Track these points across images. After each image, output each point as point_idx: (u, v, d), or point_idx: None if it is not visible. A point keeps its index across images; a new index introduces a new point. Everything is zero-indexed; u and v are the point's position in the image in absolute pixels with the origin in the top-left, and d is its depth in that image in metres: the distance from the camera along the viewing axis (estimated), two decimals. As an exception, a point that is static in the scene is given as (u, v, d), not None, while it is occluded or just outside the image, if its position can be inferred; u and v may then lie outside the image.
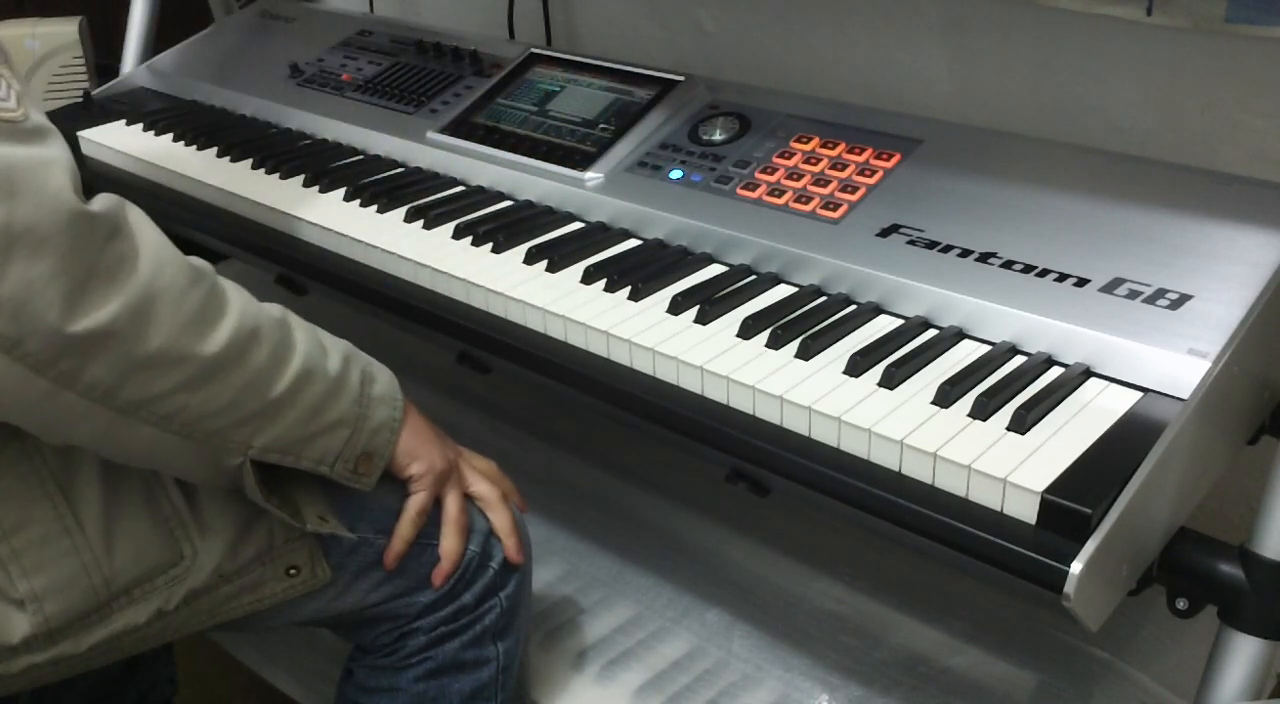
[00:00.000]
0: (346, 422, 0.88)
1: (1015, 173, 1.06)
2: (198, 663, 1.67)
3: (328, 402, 0.86)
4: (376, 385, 0.92)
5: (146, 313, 0.74)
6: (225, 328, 0.79)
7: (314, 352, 0.86)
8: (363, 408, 0.89)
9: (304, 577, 0.95)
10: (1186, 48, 1.24)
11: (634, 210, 1.18)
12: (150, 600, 0.88)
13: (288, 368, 0.83)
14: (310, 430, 0.86)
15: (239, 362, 0.79)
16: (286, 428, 0.84)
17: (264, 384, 0.82)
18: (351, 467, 0.91)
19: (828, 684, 1.21)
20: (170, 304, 0.75)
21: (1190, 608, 0.82)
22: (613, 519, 1.48)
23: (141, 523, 0.87)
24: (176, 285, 0.76)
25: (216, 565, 0.90)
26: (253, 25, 1.79)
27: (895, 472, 0.82)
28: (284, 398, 0.83)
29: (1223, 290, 0.88)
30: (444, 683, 1.04)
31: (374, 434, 0.91)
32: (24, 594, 0.83)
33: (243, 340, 0.80)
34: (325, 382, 0.86)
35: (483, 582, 1.03)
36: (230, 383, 0.80)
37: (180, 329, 0.76)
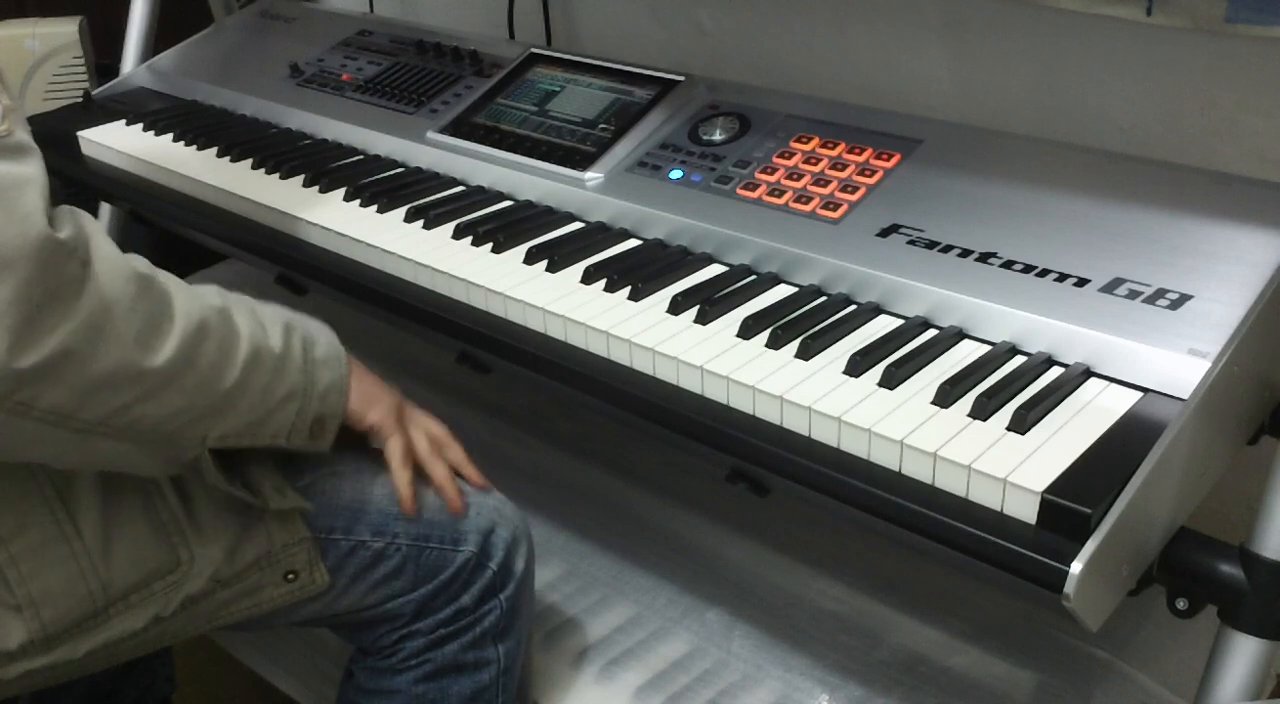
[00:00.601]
0: (296, 393, 0.87)
1: (1015, 173, 1.06)
2: (197, 663, 1.67)
3: (276, 379, 0.86)
4: (318, 348, 0.91)
5: (100, 329, 0.72)
6: (174, 334, 0.78)
7: (257, 333, 0.85)
8: (308, 376, 0.89)
9: (302, 581, 0.95)
10: (1186, 48, 1.24)
11: (634, 210, 1.18)
12: (147, 606, 0.88)
13: (235, 357, 0.82)
14: (263, 411, 0.86)
15: (190, 364, 0.79)
16: (240, 415, 0.84)
17: (215, 379, 0.81)
18: (306, 434, 0.90)
19: (828, 684, 1.21)
20: (122, 318, 0.74)
21: (1190, 608, 0.82)
22: (613, 519, 1.48)
23: (139, 529, 0.87)
24: (127, 297, 0.75)
25: (214, 571, 0.90)
26: (253, 25, 1.79)
27: (895, 472, 0.82)
28: (235, 388, 0.82)
29: (1223, 290, 0.88)
30: (444, 685, 1.04)
31: (323, 399, 0.90)
32: (21, 600, 0.83)
33: (191, 342, 0.79)
34: (271, 360, 0.85)
35: (481, 583, 1.03)
36: (184, 386, 0.79)
37: (132, 343, 0.75)
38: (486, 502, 1.05)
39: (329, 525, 0.97)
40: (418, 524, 1.00)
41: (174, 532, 0.89)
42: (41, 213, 0.69)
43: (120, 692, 1.34)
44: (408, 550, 1.00)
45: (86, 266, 0.72)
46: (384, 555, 0.99)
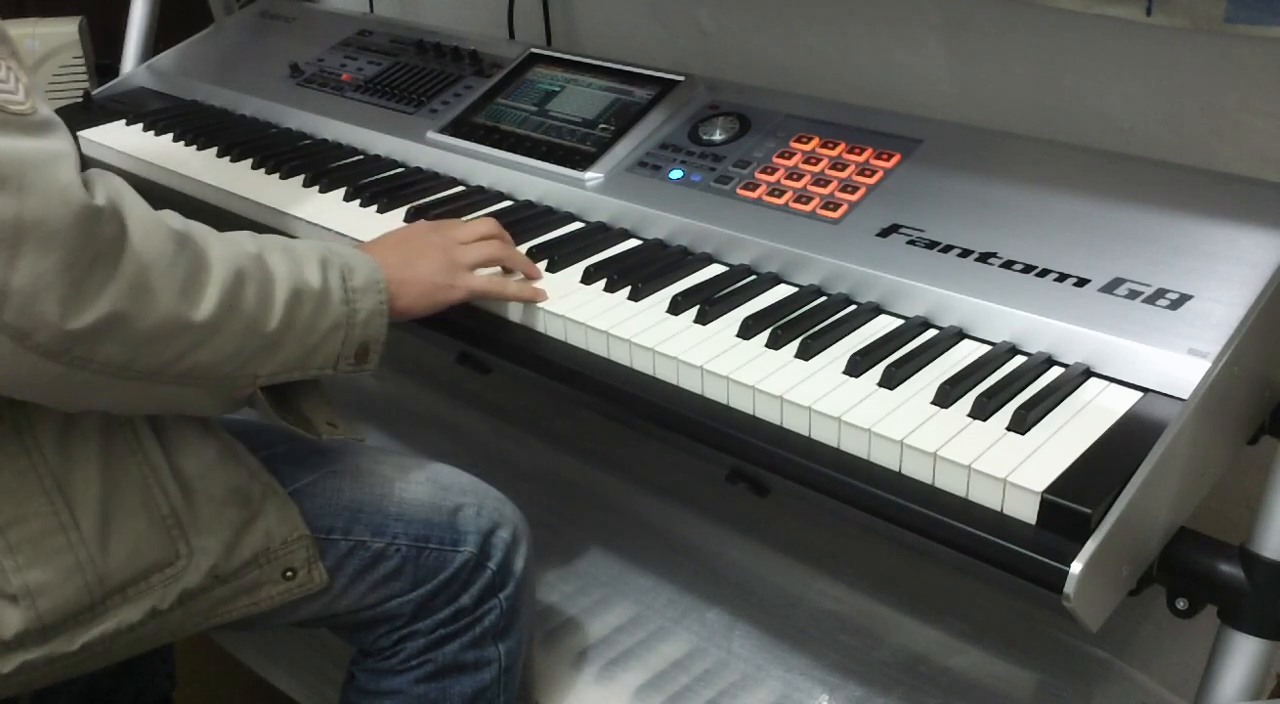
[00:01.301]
0: (340, 324, 0.90)
1: (1015, 173, 1.06)
2: (198, 663, 1.67)
3: (319, 314, 0.88)
4: (356, 277, 0.92)
5: (143, 288, 0.76)
6: (214, 284, 0.81)
7: (294, 272, 0.87)
8: (350, 305, 0.91)
9: (300, 580, 0.95)
10: (1186, 48, 1.24)
11: (634, 210, 1.18)
12: (144, 599, 0.88)
13: (276, 298, 0.85)
14: (310, 345, 0.88)
15: (233, 311, 0.82)
16: (288, 351, 0.87)
17: (260, 322, 0.84)
18: (352, 361, 0.92)
19: (828, 684, 1.21)
20: (162, 275, 0.77)
21: (1190, 608, 0.82)
22: (613, 519, 1.48)
23: (138, 522, 0.87)
24: (165, 254, 0.77)
25: (212, 566, 0.90)
26: (253, 25, 1.79)
27: (895, 472, 0.82)
28: (281, 327, 0.85)
29: (1223, 290, 0.88)
30: (445, 685, 1.04)
31: (366, 324, 0.92)
32: (17, 590, 0.83)
33: (231, 290, 0.82)
34: (312, 296, 0.88)
35: (480, 583, 1.03)
36: (231, 332, 0.82)
37: (175, 298, 0.78)
38: (486, 502, 1.05)
39: (328, 526, 0.97)
40: (417, 525, 1.00)
41: (172, 525, 0.89)
42: (78, 183, 0.72)
43: (120, 689, 1.34)
44: (407, 551, 1.00)
45: (123, 229, 0.75)
46: (383, 556, 0.99)
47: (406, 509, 1.01)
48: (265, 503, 0.93)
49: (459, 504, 1.03)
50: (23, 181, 0.69)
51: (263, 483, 0.94)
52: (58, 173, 0.71)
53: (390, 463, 1.04)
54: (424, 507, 1.01)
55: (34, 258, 0.69)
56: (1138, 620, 1.23)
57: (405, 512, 1.01)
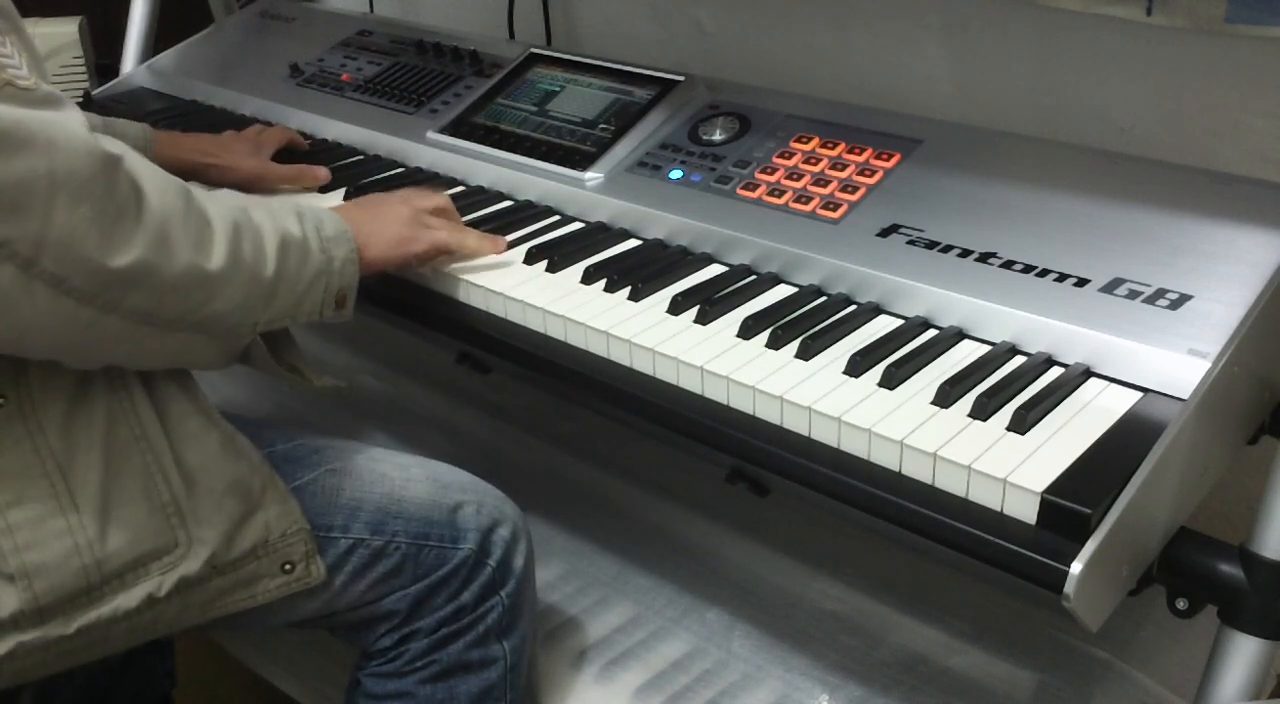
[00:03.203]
0: (321, 272, 0.95)
1: (1015, 173, 1.06)
2: (197, 662, 1.67)
3: (303, 263, 0.93)
4: (326, 227, 0.97)
5: (165, 238, 0.81)
6: (219, 237, 0.86)
7: (277, 224, 0.92)
8: (327, 254, 0.95)
9: (298, 574, 0.95)
10: (1186, 48, 1.24)
11: (634, 210, 1.18)
12: (142, 586, 0.88)
13: (268, 248, 0.90)
14: (299, 292, 0.93)
15: (237, 262, 0.87)
16: (282, 298, 0.92)
17: (259, 271, 0.89)
18: (333, 308, 0.97)
19: (828, 684, 1.21)
20: (179, 227, 0.82)
21: (1190, 608, 0.82)
22: (613, 519, 1.48)
23: (138, 508, 0.88)
24: (179, 209, 0.83)
25: (210, 555, 0.90)
26: (253, 25, 1.79)
27: (895, 472, 0.82)
28: (276, 276, 0.90)
29: (1223, 290, 0.88)
30: (452, 685, 1.04)
31: (342, 273, 0.97)
32: (14, 570, 0.83)
33: (234, 242, 0.87)
34: (297, 246, 0.93)
35: (481, 581, 1.03)
36: (238, 281, 0.87)
37: (191, 248, 0.83)
38: (486, 500, 1.05)
39: (327, 523, 0.97)
40: (416, 522, 1.00)
41: (173, 513, 0.89)
42: (91, 136, 0.77)
43: (119, 688, 1.34)
44: (407, 548, 1.00)
45: (138, 184, 0.80)
46: (383, 553, 0.99)
47: (406, 507, 1.01)
48: (265, 496, 0.94)
49: (459, 502, 1.03)
50: (50, 139, 0.73)
51: (263, 476, 0.94)
52: (79, 130, 0.75)
53: (390, 461, 1.04)
54: (424, 504, 1.01)
55: (68, 209, 0.74)
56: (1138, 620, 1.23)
57: (405, 509, 1.01)
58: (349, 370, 1.81)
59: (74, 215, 0.74)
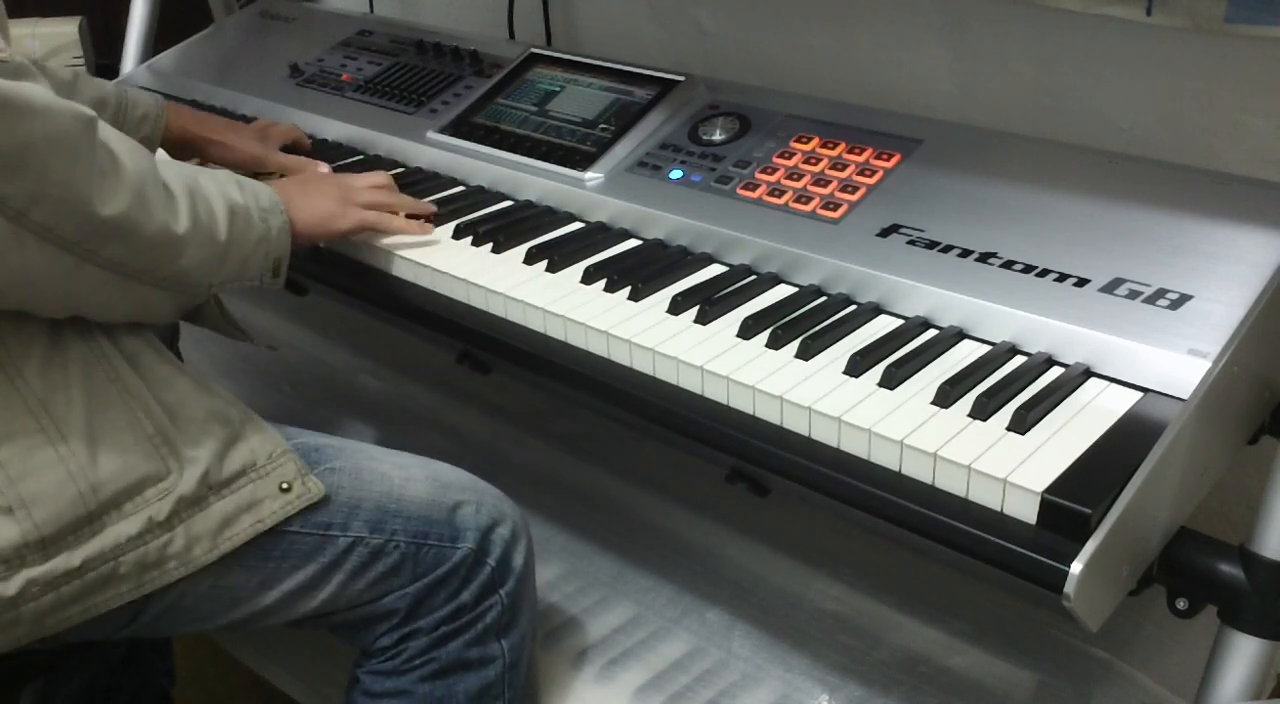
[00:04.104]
0: (263, 238, 1.01)
1: (1015, 173, 1.06)
2: (197, 662, 1.67)
3: (248, 228, 1.00)
4: (262, 198, 1.03)
5: (144, 197, 0.88)
6: (181, 200, 0.93)
7: (224, 191, 0.98)
8: (265, 222, 1.02)
9: (297, 491, 0.96)
10: (1186, 48, 1.24)
11: (634, 210, 1.18)
12: (141, 512, 0.89)
13: (220, 213, 0.96)
14: (244, 256, 1.00)
15: (197, 224, 0.93)
16: (232, 262, 0.99)
17: (214, 233, 0.96)
18: (271, 275, 1.04)
19: (828, 684, 1.21)
20: (153, 188, 0.89)
21: (1190, 608, 0.82)
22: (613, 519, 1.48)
23: (124, 436, 0.90)
24: (150, 171, 0.90)
25: (204, 473, 0.92)
26: (253, 25, 1.79)
27: (895, 472, 0.82)
28: (229, 239, 0.97)
29: (1223, 290, 0.88)
30: (450, 683, 1.04)
31: (278, 240, 1.03)
32: (11, 501, 0.84)
33: (193, 205, 0.93)
34: (242, 212, 0.99)
35: (480, 579, 1.03)
36: (198, 243, 0.94)
37: (162, 209, 0.90)
38: (486, 499, 1.05)
39: (327, 522, 0.97)
40: (416, 521, 1.00)
41: (160, 443, 0.91)
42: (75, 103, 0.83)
43: (119, 686, 1.34)
44: (406, 547, 1.00)
45: (111, 147, 0.86)
46: (382, 552, 0.99)
47: (406, 506, 1.01)
48: (245, 426, 0.96)
49: (458, 501, 1.03)
50: (45, 104, 0.80)
51: (239, 409, 0.97)
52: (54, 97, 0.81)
53: (389, 460, 1.04)
54: (423, 503, 1.01)
55: (63, 167, 0.81)
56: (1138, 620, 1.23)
57: (404, 508, 1.01)
58: (349, 370, 1.81)
59: (69, 173, 0.81)
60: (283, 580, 0.97)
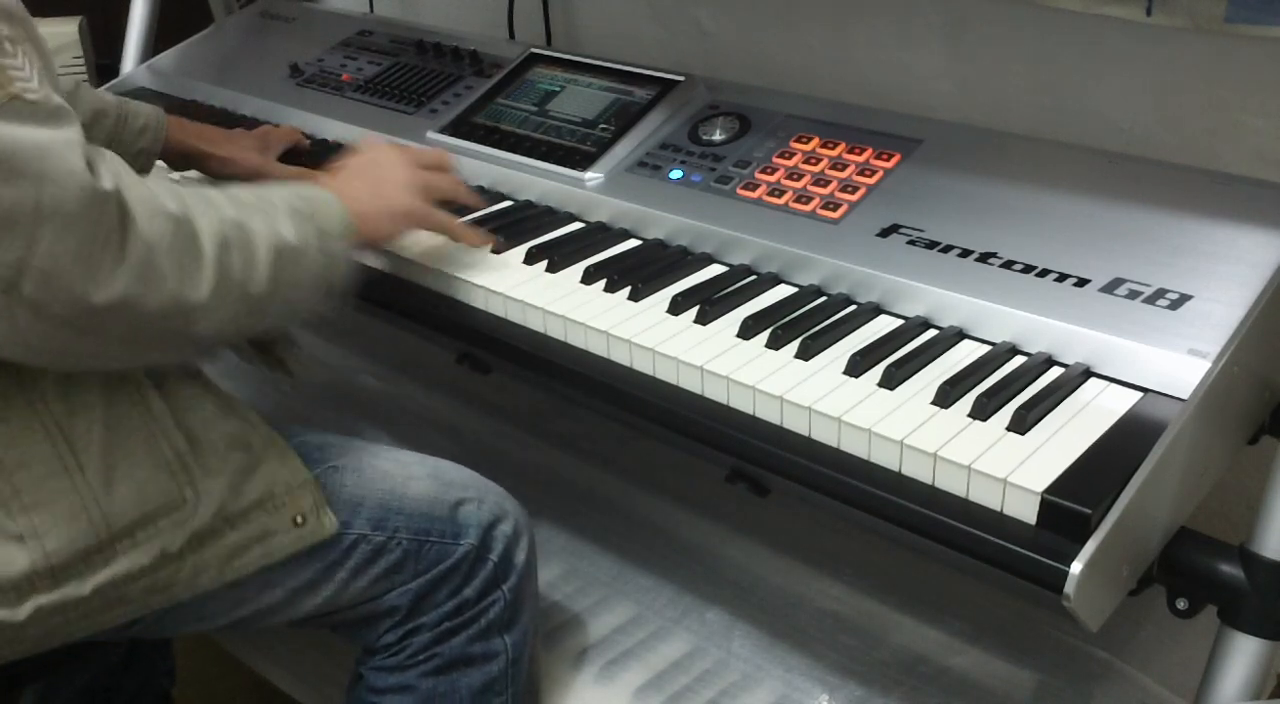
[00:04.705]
0: (321, 273, 0.93)
1: (1015, 173, 1.06)
2: (198, 663, 1.67)
3: (300, 269, 0.90)
4: (325, 220, 0.94)
5: (150, 270, 0.78)
6: (207, 261, 0.82)
7: (272, 231, 0.89)
8: (327, 254, 0.93)
9: (311, 526, 0.95)
10: (1186, 48, 1.24)
11: (634, 210, 1.18)
12: (154, 542, 0.89)
13: (260, 261, 0.86)
14: (294, 300, 0.91)
15: (225, 283, 0.84)
16: (275, 309, 0.90)
17: (248, 286, 0.86)
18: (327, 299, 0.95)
19: (828, 684, 1.21)
20: (165, 256, 0.79)
21: (1190, 608, 0.82)
22: (613, 519, 1.48)
23: (141, 465, 0.88)
24: (165, 236, 0.80)
25: (219, 507, 0.91)
26: (253, 25, 1.79)
27: (895, 472, 0.82)
28: (268, 289, 0.87)
29: (1223, 290, 0.88)
30: (453, 678, 1.04)
31: (341, 266, 0.95)
32: (23, 529, 0.84)
33: (221, 263, 0.84)
34: (291, 253, 0.89)
35: (483, 575, 1.03)
36: (226, 303, 0.84)
37: (177, 279, 0.80)
38: (488, 496, 1.06)
39: (329, 522, 0.98)
40: (418, 519, 1.01)
41: (179, 470, 0.90)
42: (85, 169, 0.75)
43: (120, 686, 1.34)
44: (408, 545, 1.00)
45: (126, 211, 0.77)
46: (385, 549, 0.99)
47: (408, 504, 1.01)
48: (267, 451, 0.95)
49: (460, 499, 1.03)
50: (42, 169, 0.72)
51: (263, 433, 0.95)
52: (71, 160, 0.74)
53: (391, 458, 1.04)
54: (425, 501, 1.02)
55: (52, 241, 0.73)
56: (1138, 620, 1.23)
57: (406, 506, 1.01)
58: (349, 370, 1.81)
59: (58, 247, 0.73)
60: (285, 580, 0.97)
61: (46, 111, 0.74)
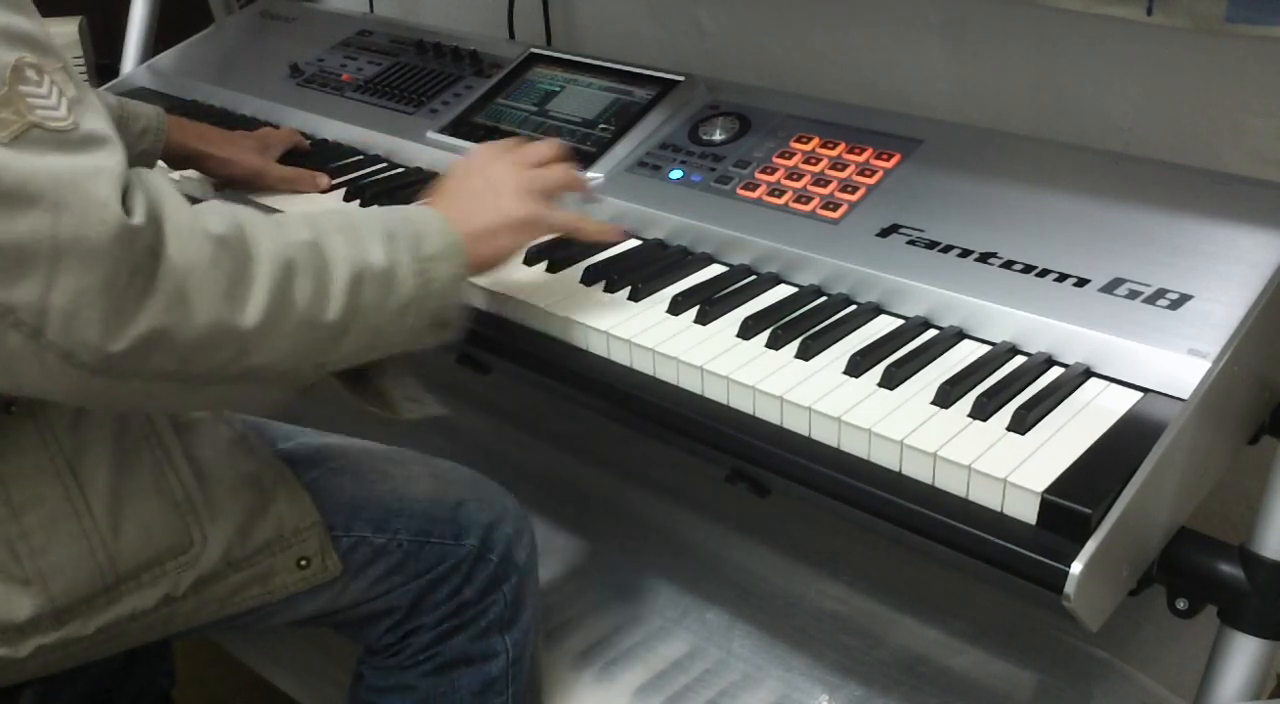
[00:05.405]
0: (412, 300, 0.83)
1: (1015, 173, 1.06)
2: (198, 663, 1.67)
3: (387, 295, 0.81)
4: (429, 244, 0.84)
5: (181, 297, 0.71)
6: (262, 282, 0.74)
7: (355, 253, 0.80)
8: (424, 278, 0.83)
9: (314, 569, 0.95)
10: (1186, 48, 1.24)
11: (634, 210, 1.18)
12: (158, 585, 0.88)
13: (334, 286, 0.78)
14: (378, 327, 0.81)
15: (285, 307, 0.76)
16: (355, 338, 0.80)
17: (318, 313, 0.77)
18: (430, 333, 0.86)
19: (828, 684, 1.21)
20: (202, 280, 0.72)
21: (1190, 608, 0.82)
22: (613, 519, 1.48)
23: (150, 507, 0.88)
24: (204, 260, 0.72)
25: (225, 551, 0.90)
26: (253, 25, 1.79)
27: (895, 472, 0.82)
28: (343, 315, 0.78)
29: (1223, 290, 0.88)
30: (454, 677, 1.04)
31: (444, 294, 0.85)
32: (30, 573, 0.83)
33: (281, 286, 0.75)
34: (376, 278, 0.80)
35: (484, 576, 1.03)
36: (286, 330, 0.76)
37: (219, 303, 0.72)
38: (488, 497, 1.06)
39: (330, 521, 0.98)
40: (419, 519, 1.01)
41: (187, 511, 0.89)
42: (116, 200, 0.68)
43: (120, 688, 1.34)
44: (409, 545, 1.00)
45: (160, 238, 0.71)
46: (386, 550, 0.99)
47: (409, 504, 1.01)
48: (277, 489, 0.94)
49: (461, 499, 1.03)
50: (59, 199, 0.66)
51: (275, 470, 0.94)
52: (96, 189, 0.67)
53: (392, 459, 1.05)
54: (426, 502, 1.02)
55: (73, 276, 0.66)
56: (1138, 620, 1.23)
57: (407, 507, 1.01)
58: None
59: (79, 283, 0.66)
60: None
61: (72, 140, 0.69)
